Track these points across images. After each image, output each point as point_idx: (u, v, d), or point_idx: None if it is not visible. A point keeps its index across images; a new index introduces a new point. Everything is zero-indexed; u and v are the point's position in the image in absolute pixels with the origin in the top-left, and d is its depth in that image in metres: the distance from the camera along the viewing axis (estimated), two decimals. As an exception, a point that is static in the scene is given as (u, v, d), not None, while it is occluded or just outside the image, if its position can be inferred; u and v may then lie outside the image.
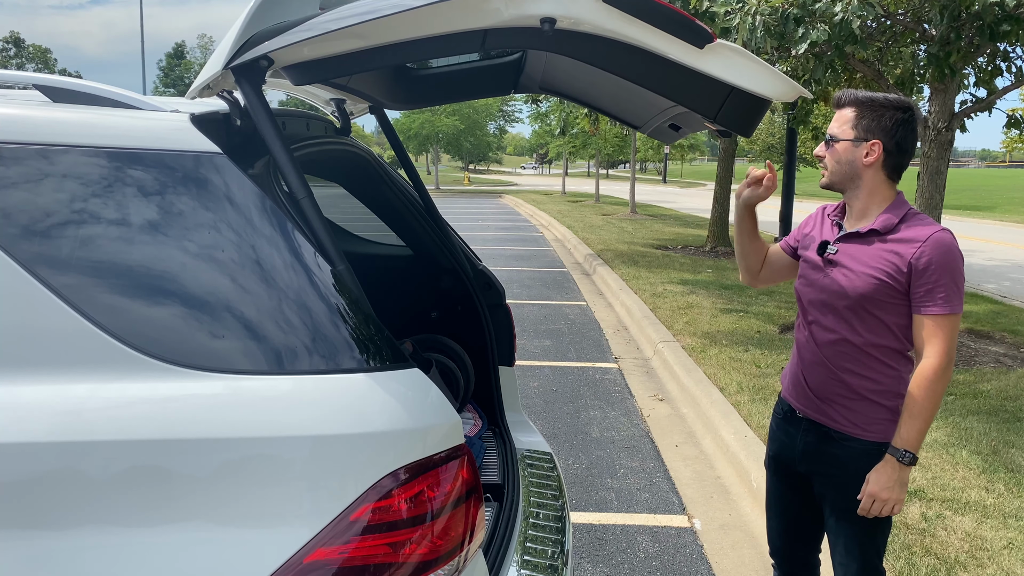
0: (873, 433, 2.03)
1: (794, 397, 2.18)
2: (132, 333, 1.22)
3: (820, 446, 2.10)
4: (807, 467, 2.15)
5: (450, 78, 2.31)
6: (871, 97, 1.97)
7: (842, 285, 2.01)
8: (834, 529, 2.13)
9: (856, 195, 2.03)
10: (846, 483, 2.05)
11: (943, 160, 6.66)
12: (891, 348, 2.01)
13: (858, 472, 2.03)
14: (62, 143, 1.30)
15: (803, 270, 2.17)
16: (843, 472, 2.06)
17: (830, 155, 2.03)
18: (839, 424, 2.06)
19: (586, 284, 10.54)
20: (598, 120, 20.34)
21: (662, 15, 1.40)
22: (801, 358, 2.15)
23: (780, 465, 2.26)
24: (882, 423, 2.02)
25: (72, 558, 1.16)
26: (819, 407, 2.10)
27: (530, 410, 5.16)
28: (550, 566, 1.91)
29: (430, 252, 2.73)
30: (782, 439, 2.23)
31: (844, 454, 2.06)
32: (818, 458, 2.12)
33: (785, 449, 2.21)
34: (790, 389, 2.21)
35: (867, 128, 1.96)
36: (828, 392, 2.07)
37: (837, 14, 5.08)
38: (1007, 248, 16.70)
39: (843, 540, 2.11)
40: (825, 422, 2.09)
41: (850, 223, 2.07)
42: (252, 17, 1.39)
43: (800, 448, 2.15)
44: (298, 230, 1.32)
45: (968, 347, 6.79)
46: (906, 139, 1.98)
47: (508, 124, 48.82)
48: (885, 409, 2.02)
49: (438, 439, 1.30)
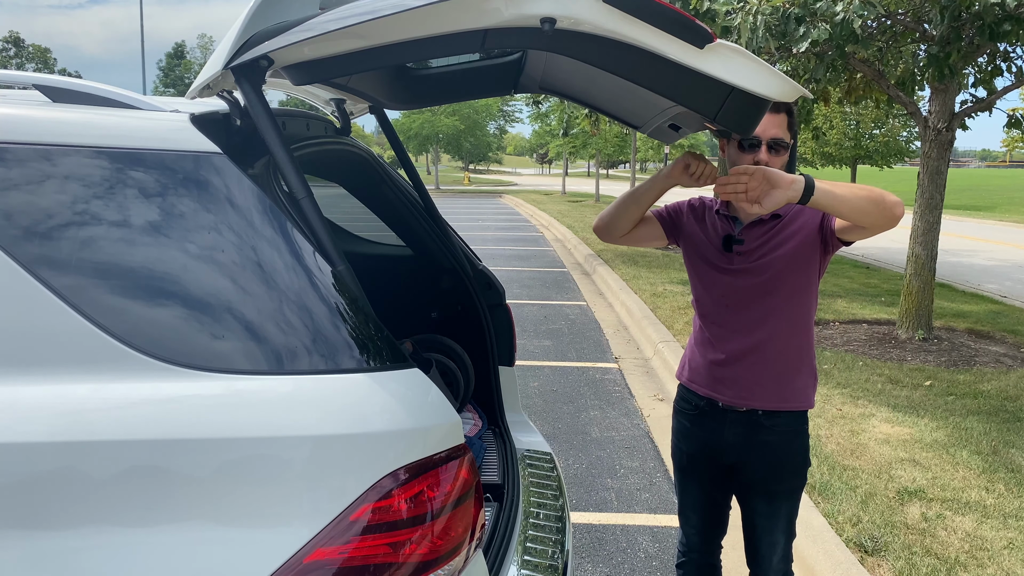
0: (800, 403, 2.13)
1: (717, 392, 2.17)
2: (132, 333, 1.22)
3: (750, 435, 2.15)
4: (736, 457, 2.19)
5: (450, 78, 2.30)
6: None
7: (759, 271, 2.08)
8: (764, 511, 2.18)
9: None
10: (784, 462, 2.15)
11: (943, 160, 6.66)
12: (807, 313, 2.12)
13: (788, 448, 2.14)
14: (62, 143, 1.30)
15: (705, 271, 2.18)
16: (774, 453, 2.14)
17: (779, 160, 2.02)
18: (771, 403, 2.11)
19: (586, 284, 10.54)
20: (598, 120, 20.34)
21: (662, 15, 1.40)
22: (726, 350, 2.15)
23: (701, 463, 2.27)
24: (806, 391, 2.14)
25: (72, 558, 1.16)
26: (750, 392, 2.12)
27: (530, 410, 5.16)
28: (550, 566, 1.91)
29: (430, 252, 2.73)
30: (701, 436, 2.23)
31: (773, 437, 2.13)
32: (749, 447, 2.16)
33: (706, 445, 2.23)
34: (710, 384, 2.18)
35: (793, 131, 2.06)
36: (757, 376, 2.11)
37: (838, 13, 5.08)
38: (1007, 248, 16.70)
39: (774, 519, 2.18)
40: (754, 405, 2.13)
41: (746, 215, 2.12)
42: (252, 17, 1.39)
43: (727, 440, 2.18)
44: (298, 230, 1.32)
45: (968, 347, 6.79)
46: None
47: (508, 124, 48.79)
48: (803, 375, 2.14)
49: (438, 439, 1.30)
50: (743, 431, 2.15)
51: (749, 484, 2.20)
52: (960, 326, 7.55)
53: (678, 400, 2.33)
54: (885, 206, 1.85)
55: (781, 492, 2.17)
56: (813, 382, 2.17)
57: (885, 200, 1.85)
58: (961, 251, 15.61)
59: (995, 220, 24.82)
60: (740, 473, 2.21)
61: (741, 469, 2.20)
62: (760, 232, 2.11)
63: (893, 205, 1.86)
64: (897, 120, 21.91)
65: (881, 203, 1.84)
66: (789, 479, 2.17)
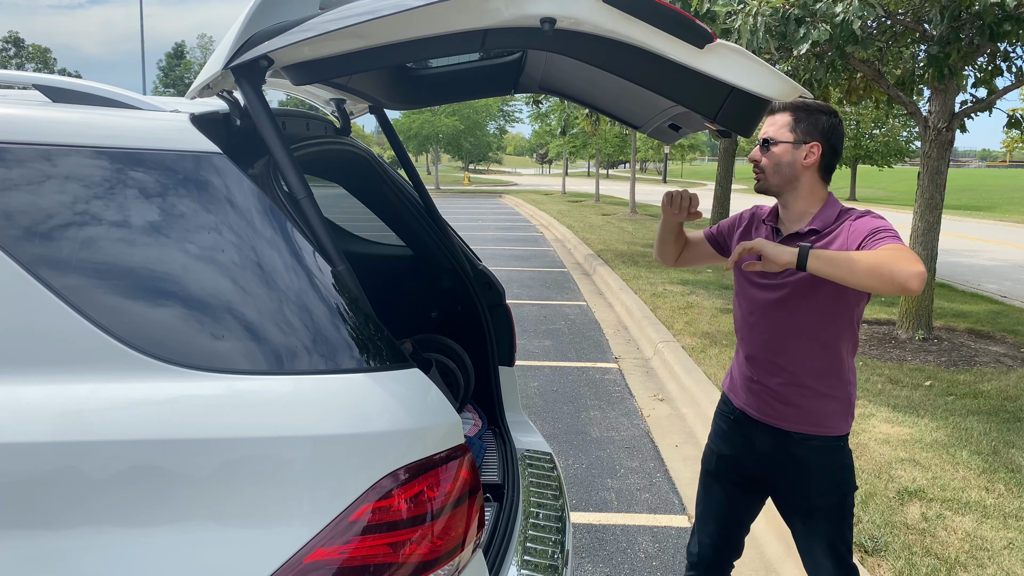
0: (831, 428, 2.07)
1: (749, 405, 2.16)
2: (132, 333, 1.22)
3: (780, 448, 2.11)
4: (766, 471, 2.16)
5: (450, 78, 2.30)
6: (805, 103, 2.01)
7: (791, 285, 2.02)
8: (803, 532, 2.14)
9: (794, 197, 2.06)
10: (813, 481, 2.09)
11: (943, 160, 6.66)
12: (842, 336, 2.03)
13: (821, 468, 2.08)
14: (62, 143, 1.30)
15: (739, 282, 2.17)
16: (808, 470, 2.09)
17: (768, 159, 2.04)
18: (799, 426, 2.07)
19: (586, 284, 10.54)
20: (598, 120, 20.33)
21: (662, 15, 1.40)
22: (754, 365, 2.14)
23: (731, 467, 2.24)
24: (836, 416, 2.07)
25: (72, 558, 1.16)
26: (779, 411, 2.09)
27: (530, 410, 5.16)
28: (550, 566, 1.91)
29: (430, 252, 2.73)
30: (736, 441, 2.22)
31: (804, 452, 2.08)
32: (780, 461, 2.12)
33: (740, 451, 2.21)
34: (743, 397, 2.18)
35: (805, 131, 2.01)
36: (785, 395, 2.08)
37: (838, 14, 5.08)
38: (1007, 248, 16.70)
39: (813, 541, 2.12)
40: (784, 426, 2.09)
41: (787, 226, 2.09)
42: (252, 17, 1.39)
43: (759, 451, 2.15)
44: (298, 230, 1.32)
45: (968, 347, 6.79)
46: (838, 142, 2.06)
47: (508, 124, 48.78)
48: (837, 401, 2.06)
49: (438, 439, 1.30)
50: (773, 443, 2.12)
51: (785, 500, 2.16)
52: (960, 326, 7.55)
53: (719, 404, 2.31)
54: (894, 284, 1.71)
55: (816, 510, 2.10)
56: (844, 409, 2.07)
57: (894, 278, 1.70)
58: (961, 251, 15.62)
59: (995, 220, 24.83)
60: (775, 490, 2.17)
61: (774, 485, 2.16)
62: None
63: (906, 280, 1.69)
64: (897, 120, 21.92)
65: (890, 281, 1.71)
66: (822, 496, 2.09)
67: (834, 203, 2.05)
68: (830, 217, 2.01)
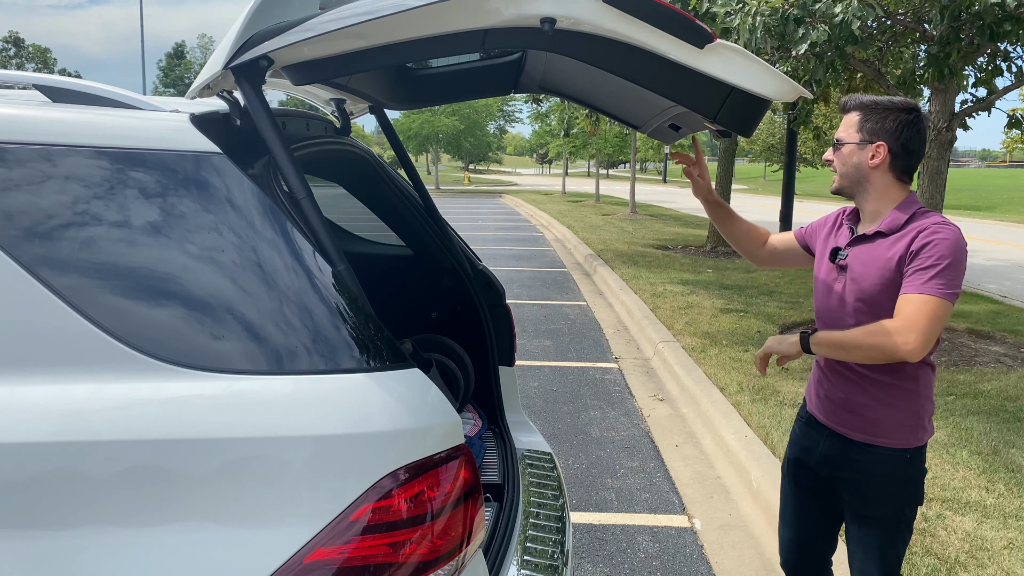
0: (896, 440, 2.02)
1: (817, 409, 2.17)
2: (133, 333, 1.22)
3: (843, 452, 2.09)
4: (830, 472, 2.14)
5: (450, 78, 2.31)
6: (876, 100, 1.98)
7: (854, 290, 2.01)
8: (856, 536, 2.12)
9: (866, 198, 2.03)
10: (870, 489, 2.06)
11: (943, 160, 6.66)
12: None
13: (882, 477, 2.04)
14: (62, 143, 1.30)
15: (817, 280, 2.16)
16: (867, 478, 2.06)
17: (837, 159, 2.03)
18: (862, 435, 2.05)
19: (586, 284, 10.54)
20: (598, 120, 20.33)
21: (662, 15, 1.40)
22: (821, 370, 2.15)
23: (800, 470, 2.24)
24: (903, 429, 2.02)
25: (72, 558, 1.16)
26: (842, 418, 2.08)
27: (530, 410, 5.16)
28: (550, 566, 1.91)
29: (430, 252, 2.73)
30: (804, 443, 2.21)
31: (867, 459, 2.05)
32: (841, 464, 2.11)
33: (807, 453, 2.20)
34: (813, 401, 2.19)
35: (871, 131, 1.96)
36: (850, 403, 2.06)
37: (837, 15, 5.08)
38: (1008, 248, 16.70)
39: (864, 547, 2.10)
40: (848, 433, 2.08)
41: (862, 226, 2.07)
42: (252, 17, 1.39)
43: (823, 452, 2.14)
44: (298, 230, 1.32)
45: (968, 347, 6.79)
46: (912, 140, 1.97)
47: (508, 124, 48.79)
48: (904, 414, 2.02)
49: (438, 439, 1.30)
50: (837, 447, 2.10)
51: (845, 504, 2.15)
52: (960, 326, 7.55)
53: (801, 407, 2.31)
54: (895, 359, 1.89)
55: (870, 518, 2.07)
56: (912, 422, 2.02)
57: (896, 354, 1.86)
58: (961, 251, 15.59)
59: (995, 220, 24.83)
60: (837, 493, 2.16)
61: (837, 487, 2.14)
62: (860, 249, 2.02)
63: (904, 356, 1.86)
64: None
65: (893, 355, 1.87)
66: (877, 506, 2.06)
67: (910, 203, 1.99)
68: (899, 220, 1.96)
